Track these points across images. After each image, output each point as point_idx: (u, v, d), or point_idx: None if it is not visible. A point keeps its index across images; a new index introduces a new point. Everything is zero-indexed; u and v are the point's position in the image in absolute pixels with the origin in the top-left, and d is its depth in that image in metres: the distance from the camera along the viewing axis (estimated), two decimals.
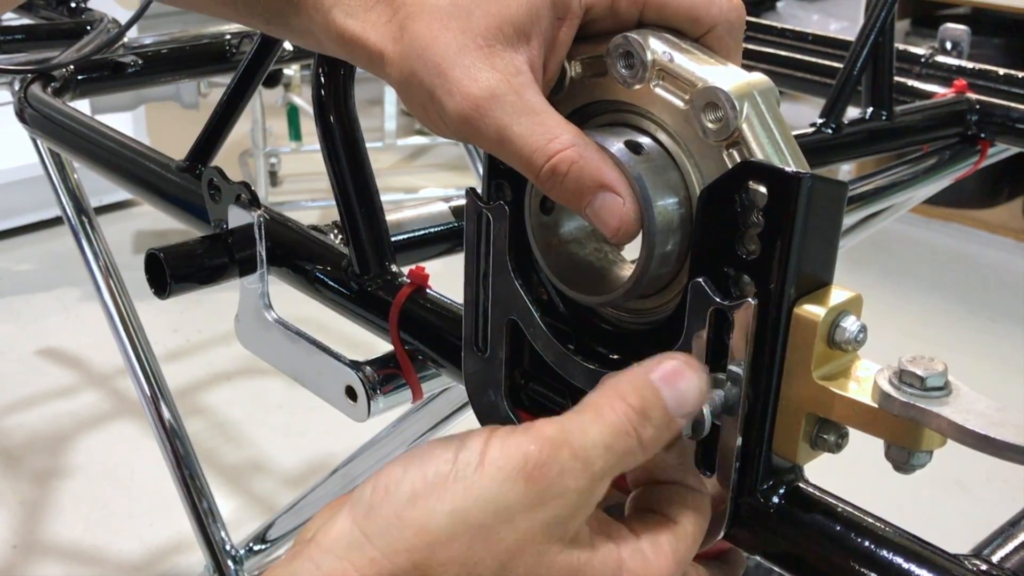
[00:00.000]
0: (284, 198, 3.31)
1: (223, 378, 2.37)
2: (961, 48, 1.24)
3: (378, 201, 0.70)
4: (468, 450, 0.40)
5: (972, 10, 3.27)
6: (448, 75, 0.45)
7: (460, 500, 0.39)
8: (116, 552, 1.86)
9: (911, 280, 2.96)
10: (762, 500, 0.45)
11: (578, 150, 0.44)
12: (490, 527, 0.39)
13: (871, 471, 0.83)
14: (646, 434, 0.42)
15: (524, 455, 0.39)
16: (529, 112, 0.44)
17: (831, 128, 0.99)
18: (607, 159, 0.44)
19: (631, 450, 0.41)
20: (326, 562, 0.39)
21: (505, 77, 0.44)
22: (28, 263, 2.94)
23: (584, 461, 0.40)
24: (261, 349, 0.74)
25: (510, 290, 0.51)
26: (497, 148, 0.45)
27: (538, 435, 0.40)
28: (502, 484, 0.39)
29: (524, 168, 0.45)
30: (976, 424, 0.39)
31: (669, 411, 0.42)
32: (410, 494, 0.39)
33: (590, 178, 0.44)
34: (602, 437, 0.41)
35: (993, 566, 0.45)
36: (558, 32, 0.46)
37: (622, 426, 0.41)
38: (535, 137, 0.44)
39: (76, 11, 1.36)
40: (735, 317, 0.43)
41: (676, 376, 0.42)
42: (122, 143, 0.93)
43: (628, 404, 0.41)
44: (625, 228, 0.44)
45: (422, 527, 0.38)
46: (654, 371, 0.42)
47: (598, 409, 0.42)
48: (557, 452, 0.40)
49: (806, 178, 0.41)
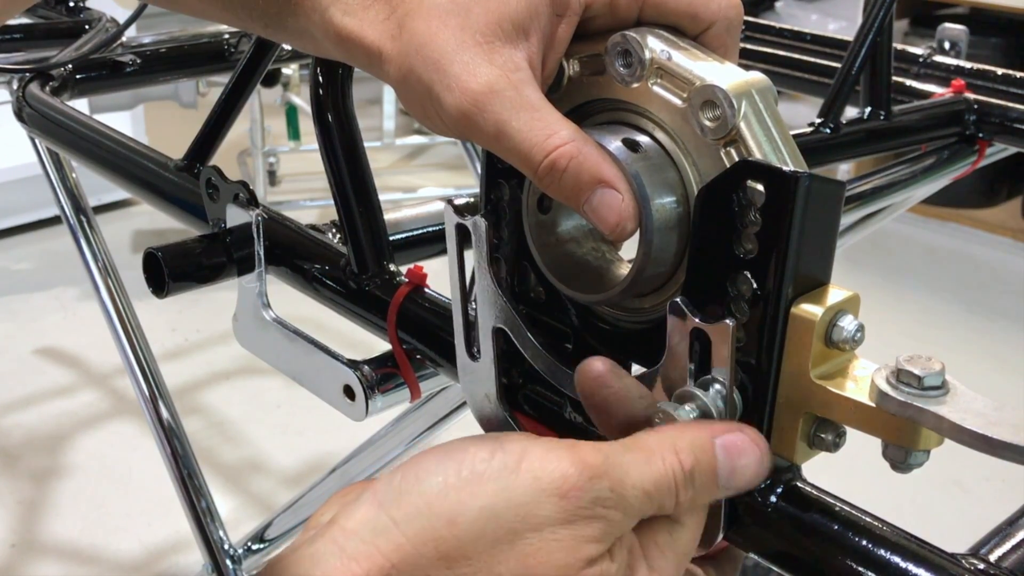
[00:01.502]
0: (283, 198, 3.31)
1: (221, 377, 2.37)
2: (959, 48, 1.24)
3: (376, 200, 0.70)
4: (506, 453, 0.40)
5: (970, 10, 3.27)
6: (447, 71, 0.44)
7: (492, 500, 0.39)
8: (114, 551, 1.85)
9: (909, 280, 2.96)
10: (760, 499, 0.45)
11: (577, 146, 0.44)
12: (519, 532, 0.39)
13: (869, 470, 0.83)
14: (685, 495, 0.42)
15: (563, 475, 0.40)
16: (528, 108, 0.44)
17: (829, 128, 1.00)
18: (605, 156, 0.44)
19: (666, 506, 0.42)
20: (351, 545, 0.39)
21: (504, 73, 0.44)
22: (26, 262, 2.94)
23: (620, 497, 0.40)
24: (259, 348, 0.74)
25: (494, 301, 0.52)
26: (495, 144, 0.45)
27: (580, 460, 0.40)
28: (537, 495, 0.39)
29: (522, 164, 0.45)
30: (974, 423, 0.39)
31: (718, 482, 0.42)
32: (442, 485, 0.39)
33: (588, 174, 0.44)
34: (643, 484, 0.41)
35: (991, 565, 0.45)
36: (557, 29, 0.46)
37: (667, 480, 0.41)
38: (534, 133, 0.44)
39: (74, 10, 1.35)
40: (714, 337, 0.43)
41: (738, 451, 0.42)
42: (120, 142, 0.93)
43: (679, 460, 0.41)
44: (623, 224, 0.44)
45: (452, 519, 0.39)
46: (719, 437, 0.42)
47: (649, 455, 0.42)
48: (597, 482, 0.40)
49: (804, 177, 0.41)
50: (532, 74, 0.45)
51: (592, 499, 0.40)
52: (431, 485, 0.40)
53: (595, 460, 0.40)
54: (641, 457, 0.41)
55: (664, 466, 0.41)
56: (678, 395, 0.45)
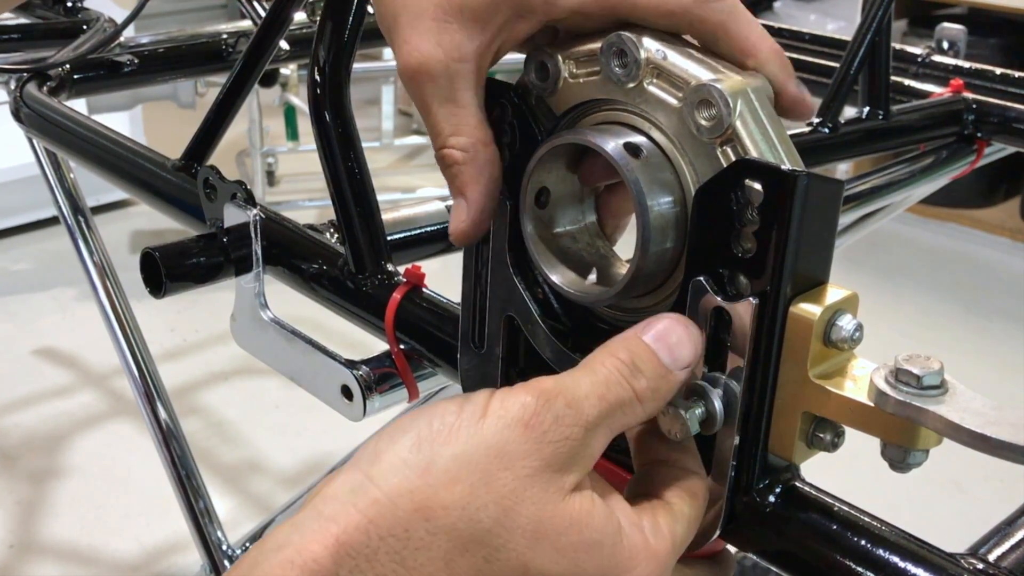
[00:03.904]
0: (281, 198, 3.31)
1: (220, 378, 2.37)
2: (958, 48, 1.24)
3: (374, 200, 0.70)
4: (472, 403, 0.42)
5: (969, 10, 3.27)
6: (400, 31, 0.49)
7: (463, 445, 0.40)
8: (113, 552, 1.85)
9: (907, 279, 2.97)
10: (758, 499, 0.45)
11: (466, 155, 0.49)
12: (492, 472, 0.40)
13: (867, 470, 0.83)
14: (639, 385, 0.43)
15: (522, 404, 0.41)
16: (451, 102, 0.48)
17: (828, 127, 1.00)
18: (484, 174, 0.49)
19: (625, 400, 0.43)
20: (328, 507, 0.39)
21: (446, 59, 0.48)
22: (24, 263, 2.94)
23: (577, 409, 0.42)
24: (257, 349, 0.74)
25: (509, 286, 0.51)
26: (420, 111, 0.50)
27: (535, 387, 0.42)
28: (502, 431, 0.41)
29: (431, 140, 0.50)
30: (972, 423, 0.39)
31: (663, 364, 0.44)
32: (415, 439, 0.41)
33: (460, 181, 0.49)
34: (594, 388, 0.43)
35: (990, 565, 0.45)
36: (515, 27, 0.48)
37: (614, 377, 0.43)
38: (445, 124, 0.49)
39: (72, 10, 1.35)
40: (735, 315, 0.43)
41: (666, 332, 0.44)
42: (118, 142, 0.93)
43: (618, 358, 0.43)
44: (452, 237, 0.50)
45: (425, 469, 0.40)
46: (643, 331, 0.44)
47: (590, 365, 0.44)
48: (552, 401, 0.41)
49: (802, 176, 0.41)
50: (474, 66, 0.48)
51: (553, 418, 0.41)
52: (405, 441, 0.41)
53: (548, 384, 0.42)
54: (585, 370, 0.43)
55: (606, 367, 0.43)
56: (687, 389, 0.45)
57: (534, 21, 0.48)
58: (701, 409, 0.44)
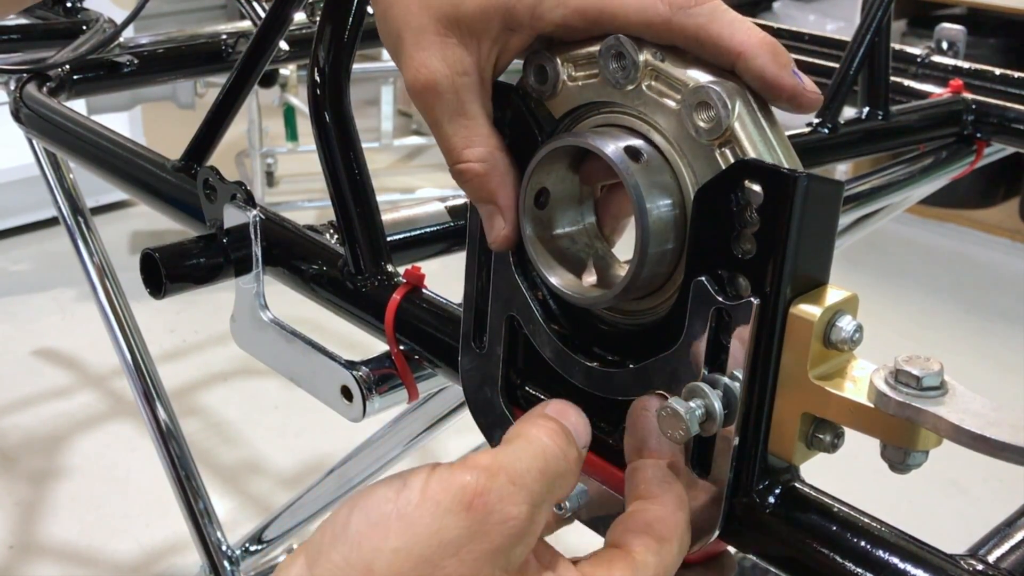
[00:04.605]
0: (281, 198, 3.31)
1: (219, 378, 2.37)
2: (957, 48, 1.24)
3: (374, 201, 0.70)
4: (409, 488, 0.40)
5: (968, 10, 3.27)
6: (405, 48, 0.49)
7: (403, 538, 0.39)
8: (112, 553, 1.85)
9: (907, 280, 2.97)
10: (757, 500, 0.45)
11: (484, 166, 0.49)
12: (435, 561, 0.38)
13: (867, 471, 0.83)
14: (572, 453, 0.44)
15: (462, 486, 0.39)
16: (461, 115, 0.49)
17: (827, 128, 1.00)
18: (508, 177, 0.49)
19: (563, 472, 0.43)
20: None
21: (451, 73, 0.48)
22: (24, 263, 2.94)
23: (522, 487, 0.40)
24: (257, 349, 0.74)
25: (511, 285, 0.51)
26: (431, 128, 0.51)
27: (474, 465, 0.40)
28: (443, 517, 0.39)
29: (445, 158, 0.50)
30: (972, 424, 0.39)
31: (575, 440, 0.45)
32: (356, 535, 0.39)
33: (486, 191, 0.49)
34: (535, 461, 0.42)
35: (989, 566, 0.45)
36: (509, 40, 0.48)
37: (550, 449, 0.43)
38: (457, 139, 0.49)
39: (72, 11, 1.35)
40: (736, 316, 0.43)
41: (561, 413, 0.46)
42: (118, 143, 0.93)
43: (547, 427, 0.44)
44: (496, 245, 0.50)
45: (367, 568, 0.38)
46: (544, 409, 0.46)
47: (526, 436, 0.43)
48: (494, 479, 0.40)
49: (802, 177, 0.41)
50: (477, 79, 0.49)
51: (496, 499, 0.40)
52: (345, 538, 0.39)
53: (487, 461, 0.41)
54: (521, 442, 0.43)
55: (543, 439, 0.43)
56: (688, 390, 0.45)
57: (524, 35, 0.48)
58: (701, 410, 0.44)
